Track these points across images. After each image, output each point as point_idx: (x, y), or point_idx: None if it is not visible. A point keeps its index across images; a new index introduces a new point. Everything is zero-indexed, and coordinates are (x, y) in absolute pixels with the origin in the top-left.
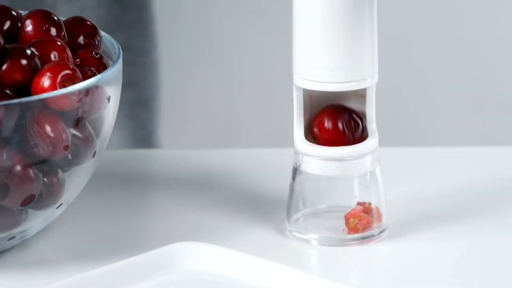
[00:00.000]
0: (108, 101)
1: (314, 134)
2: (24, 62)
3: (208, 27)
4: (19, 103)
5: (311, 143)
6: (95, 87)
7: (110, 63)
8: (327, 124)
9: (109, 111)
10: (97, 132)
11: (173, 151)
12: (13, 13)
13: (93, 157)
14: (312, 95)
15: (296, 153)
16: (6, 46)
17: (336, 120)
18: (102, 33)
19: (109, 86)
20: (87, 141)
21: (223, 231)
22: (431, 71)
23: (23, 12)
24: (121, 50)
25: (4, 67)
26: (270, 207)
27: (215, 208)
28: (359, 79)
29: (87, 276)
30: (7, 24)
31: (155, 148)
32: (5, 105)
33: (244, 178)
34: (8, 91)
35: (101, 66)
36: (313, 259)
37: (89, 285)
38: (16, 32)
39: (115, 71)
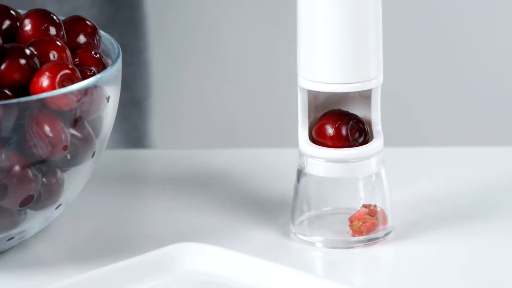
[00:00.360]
0: (108, 101)
1: (315, 141)
2: (23, 61)
3: (204, 26)
4: (18, 103)
5: (315, 145)
6: (94, 86)
7: (110, 62)
8: (330, 129)
9: (109, 111)
10: (96, 132)
11: (173, 151)
12: (12, 12)
13: (92, 157)
14: (317, 96)
15: (301, 155)
16: (5, 45)
17: (340, 127)
18: (102, 32)
19: (108, 85)
20: (86, 141)
21: (225, 232)
22: (433, 71)
23: (22, 12)
24: (120, 49)
25: (2, 66)
26: (273, 208)
27: (217, 209)
28: (364, 80)
29: (86, 277)
30: (6, 24)
31: (151, 149)
32: (3, 105)
33: (246, 178)
34: (7, 91)
35: (100, 65)
36: (317, 261)
37: (88, 286)
38: (15, 32)
39: (114, 70)
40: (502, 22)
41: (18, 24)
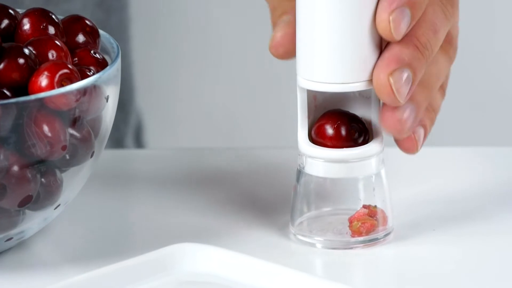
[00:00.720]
0: (107, 101)
1: (315, 141)
2: (21, 61)
3: (201, 24)
4: (16, 103)
5: (315, 145)
6: (94, 86)
7: (109, 62)
8: (329, 129)
9: (108, 110)
10: (96, 132)
11: (172, 151)
12: (10, 11)
13: (91, 157)
14: (316, 96)
15: (300, 155)
16: (3, 45)
17: (340, 127)
18: (101, 32)
19: (107, 85)
20: (85, 141)
21: (225, 233)
22: None
23: (20, 11)
24: (119, 49)
25: (1, 66)
26: (273, 208)
27: (217, 209)
28: (364, 79)
29: (86, 277)
30: (4, 23)
31: (149, 149)
32: (2, 105)
33: (245, 178)
34: (5, 91)
35: (99, 65)
36: (317, 262)
37: (87, 286)
38: (13, 31)
39: (113, 70)
40: (504, 20)
41: (16, 23)
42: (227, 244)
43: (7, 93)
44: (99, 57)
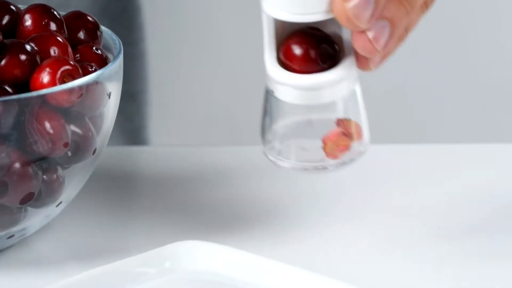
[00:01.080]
0: (109, 97)
1: (283, 63)
2: (23, 57)
3: (203, 20)
4: (18, 99)
5: (284, 70)
6: (96, 83)
7: (111, 58)
8: (297, 52)
9: (110, 107)
10: (98, 128)
11: (172, 148)
12: (12, 7)
13: (93, 154)
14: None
15: (268, 79)
16: (5, 41)
17: (308, 48)
18: (103, 28)
19: (109, 82)
20: (87, 138)
21: (227, 230)
22: (436, 66)
23: (22, 7)
24: (122, 45)
25: (3, 62)
26: (274, 206)
27: (218, 207)
28: (328, 8)
29: (87, 275)
30: (5, 19)
31: (152, 146)
32: (4, 101)
33: (247, 175)
34: (7, 87)
35: (101, 61)
36: (319, 259)
37: (89, 284)
38: (15, 27)
39: (116, 66)
40: (506, 17)
41: (18, 19)
42: (229, 242)
43: (9, 89)
44: (101, 53)
